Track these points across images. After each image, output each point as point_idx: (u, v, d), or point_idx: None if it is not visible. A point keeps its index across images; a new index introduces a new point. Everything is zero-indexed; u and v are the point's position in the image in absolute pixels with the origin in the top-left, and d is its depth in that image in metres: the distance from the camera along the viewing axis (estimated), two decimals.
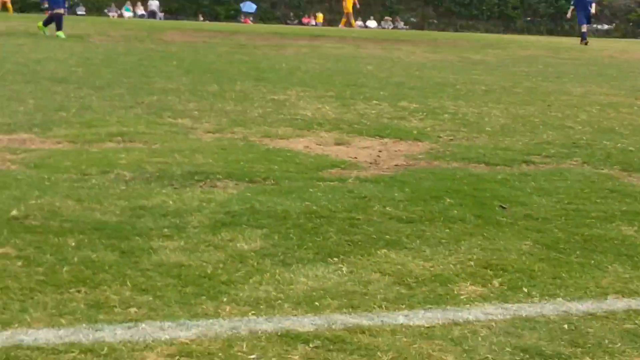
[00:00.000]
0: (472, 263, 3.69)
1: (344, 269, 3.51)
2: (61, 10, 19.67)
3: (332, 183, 5.15)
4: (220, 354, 2.55)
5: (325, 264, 3.55)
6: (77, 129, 6.68)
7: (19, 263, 3.33)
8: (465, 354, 2.72)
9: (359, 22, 54.22)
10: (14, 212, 4.05)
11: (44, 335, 2.65)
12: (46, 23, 19.64)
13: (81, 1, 48.47)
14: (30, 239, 3.66)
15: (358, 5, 41.16)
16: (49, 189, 4.63)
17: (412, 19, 58.62)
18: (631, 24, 51.30)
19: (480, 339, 2.85)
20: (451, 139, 7.10)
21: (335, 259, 3.63)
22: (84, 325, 2.75)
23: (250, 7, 55.78)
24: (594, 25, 52.48)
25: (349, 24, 41.02)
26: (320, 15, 55.70)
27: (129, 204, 4.39)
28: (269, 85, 10.63)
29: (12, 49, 14.95)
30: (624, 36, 48.70)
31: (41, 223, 3.93)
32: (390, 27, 53.04)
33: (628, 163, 6.22)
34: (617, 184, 5.53)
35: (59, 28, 19.05)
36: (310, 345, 2.70)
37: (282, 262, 3.55)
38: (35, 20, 22.22)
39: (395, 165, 5.93)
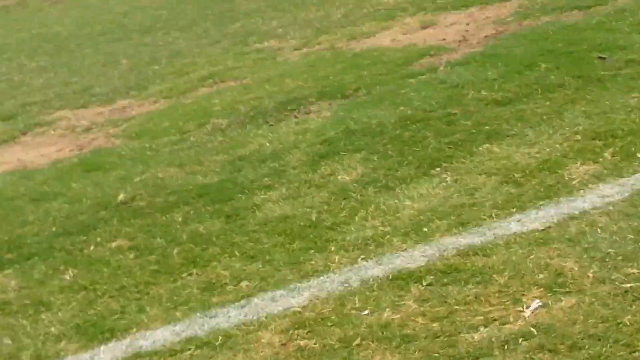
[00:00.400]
0: (578, 137, 3.53)
1: (448, 179, 3.43)
2: None
3: (422, 77, 5.02)
4: (333, 317, 2.55)
5: (428, 178, 3.48)
6: (170, 82, 6.72)
7: (132, 255, 3.42)
8: (585, 254, 2.59)
9: None
10: (121, 197, 4.14)
11: (161, 335, 2.73)
12: None
13: None
14: (140, 223, 3.74)
15: None
16: (152, 160, 4.70)
17: None
18: None
19: (599, 230, 2.72)
20: None
21: (438, 169, 3.55)
22: (198, 314, 2.80)
23: None
24: None
25: None
26: None
27: (228, 156, 4.41)
28: None
29: (100, 6, 15.09)
30: None
31: (147, 203, 4.00)
32: None
33: None
34: None
35: None
36: (424, 283, 2.65)
37: (385, 186, 3.49)
38: None
39: (485, 36, 5.71)
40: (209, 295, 2.91)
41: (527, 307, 2.36)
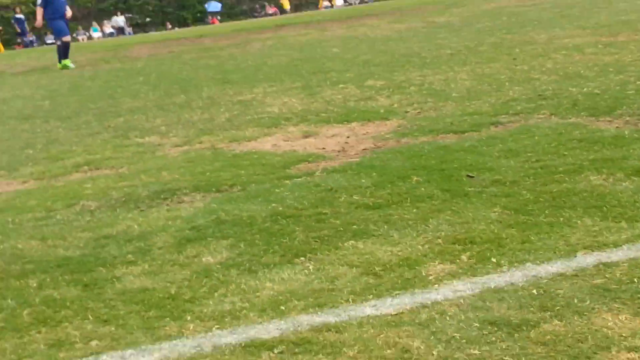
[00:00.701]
0: (440, 240, 3.64)
1: (311, 267, 3.47)
2: (69, 38, 18.75)
3: (299, 179, 5.10)
4: None
5: (291, 265, 3.51)
6: (44, 165, 6.62)
7: None
8: (432, 337, 2.67)
9: (326, 2, 54.06)
10: None
11: None
12: (64, 56, 18.29)
13: (49, 29, 48.23)
14: None
15: None
16: (13, 232, 4.58)
17: None
18: None
19: (448, 318, 2.81)
20: (418, 112, 7.04)
21: (302, 259, 3.58)
22: None
23: (215, 6, 55.58)
24: None
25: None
26: (285, 2, 55.36)
27: (94, 234, 4.34)
28: (235, 86, 10.57)
29: None
30: None
31: (2, 269, 3.88)
32: (357, 2, 52.83)
33: (595, 108, 6.18)
34: (584, 131, 5.48)
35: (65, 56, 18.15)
36: (275, 351, 2.67)
37: (248, 270, 3.50)
38: (1, 58, 22.12)
39: (363, 149, 5.87)
40: (56, 352, 2.83)
41: None
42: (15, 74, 18.33)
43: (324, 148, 6.10)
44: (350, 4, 46.71)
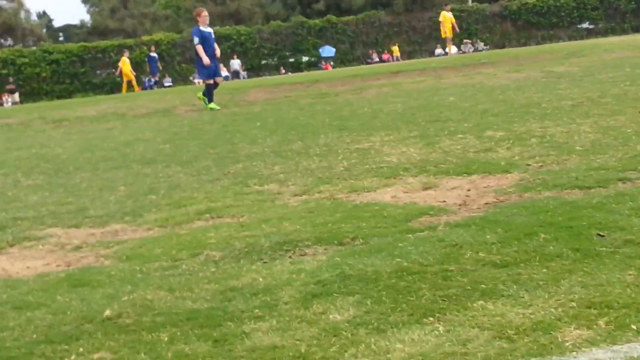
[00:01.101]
0: (574, 304, 3.52)
1: (440, 328, 3.40)
2: (221, 79, 18.99)
3: (421, 233, 5.05)
4: None
5: (420, 326, 3.45)
6: (167, 212, 6.75)
7: None
8: None
9: (439, 50, 54.08)
10: (107, 312, 4.08)
11: None
12: (210, 98, 18.52)
13: (167, 72, 49.69)
14: (125, 339, 3.67)
15: (457, 30, 39.72)
16: (141, 282, 4.66)
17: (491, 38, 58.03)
18: None
19: None
20: (541, 166, 6.91)
21: (431, 319, 3.52)
22: None
23: (329, 51, 56.23)
24: None
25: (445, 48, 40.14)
26: (395, 48, 55.64)
27: (219, 286, 4.37)
28: (352, 133, 10.62)
29: (103, 134, 15.36)
30: None
31: (134, 320, 3.94)
32: (471, 50, 52.68)
33: None
34: None
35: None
36: None
37: (377, 329, 3.46)
38: (124, 100, 22.78)
39: (485, 203, 5.78)
40: None
41: None
42: (137, 116, 18.87)
43: (444, 201, 6.04)
44: (464, 52, 46.55)
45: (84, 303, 4.35)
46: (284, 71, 53.18)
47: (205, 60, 18.23)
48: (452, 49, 44.48)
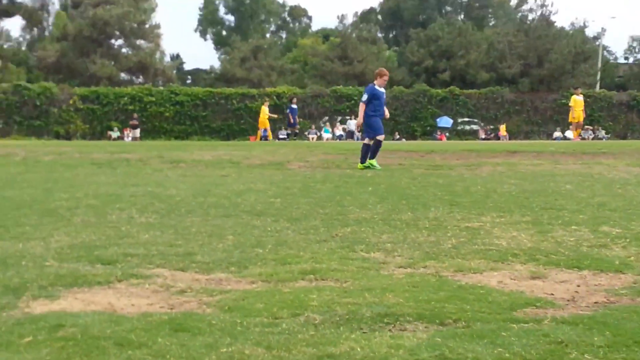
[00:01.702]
0: None
1: None
2: (383, 137, 19.04)
3: (526, 325, 4.94)
4: None
5: None
6: (272, 267, 6.81)
7: None
8: None
9: (557, 133, 53.37)
10: None
11: None
12: (373, 155, 18.59)
13: (283, 125, 50.47)
14: None
15: (585, 115, 38.72)
16: (241, 335, 4.70)
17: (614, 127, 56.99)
18: None
19: None
20: None
21: None
22: None
23: (446, 122, 56.24)
24: None
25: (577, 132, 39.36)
26: (503, 127, 55.30)
27: (317, 351, 4.37)
28: (463, 211, 10.53)
29: (217, 180, 15.67)
30: None
31: None
32: (591, 137, 51.82)
33: None
34: None
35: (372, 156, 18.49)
36: None
37: None
38: (240, 148, 23.19)
39: (595, 302, 5.63)
40: None
41: None
42: (251, 166, 19.19)
43: (552, 294, 5.91)
44: (584, 139, 45.83)
45: (183, 349, 4.41)
46: (398, 136, 53.36)
47: (359, 119, 18.57)
48: (568, 134, 43.79)
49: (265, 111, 43.35)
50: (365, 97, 18.54)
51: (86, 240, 8.16)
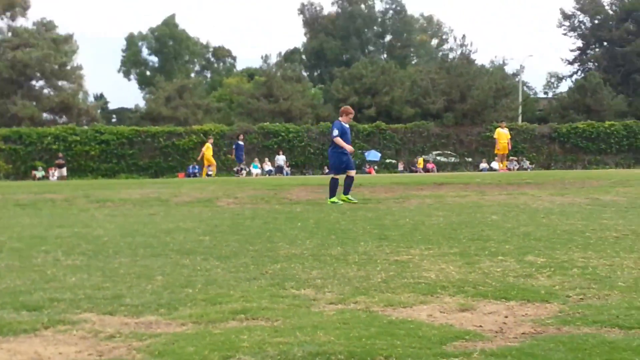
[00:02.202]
0: None
1: None
2: (353, 172, 19.08)
3: (455, 359, 4.99)
4: None
5: None
6: (202, 308, 6.74)
7: None
8: None
9: (484, 164, 54.28)
10: None
11: None
12: (347, 191, 18.79)
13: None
14: None
15: (510, 147, 39.55)
16: None
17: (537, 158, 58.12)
18: None
19: None
20: (581, 299, 6.83)
21: None
22: None
23: (375, 155, 56.67)
24: None
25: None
26: (420, 160, 56.03)
27: None
28: (392, 244, 10.60)
29: (145, 219, 15.50)
30: None
31: None
32: (516, 168, 52.72)
33: None
34: None
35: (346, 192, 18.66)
36: None
37: None
38: (167, 186, 23.00)
39: (523, 333, 5.71)
40: None
41: None
42: (179, 204, 19.04)
43: (481, 326, 5.98)
44: (510, 169, 46.60)
45: None
46: (327, 170, 53.54)
47: (349, 147, 18.73)
48: (496, 165, 44.58)
49: (209, 148, 43.32)
50: (336, 132, 18.83)
51: (10, 285, 7.98)
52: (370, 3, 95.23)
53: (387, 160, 57.32)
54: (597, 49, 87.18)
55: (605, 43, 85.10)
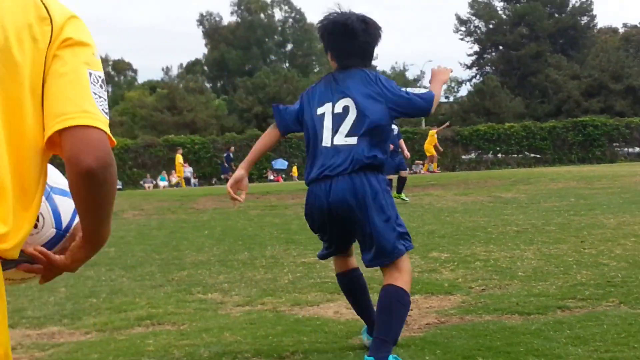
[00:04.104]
0: None
1: None
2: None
3: (361, 351, 5.04)
4: None
5: None
6: (106, 316, 6.66)
7: None
8: None
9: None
10: None
11: None
12: (400, 189, 18.59)
13: (118, 176, 49.66)
14: None
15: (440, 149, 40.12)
16: None
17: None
18: None
19: None
20: (483, 289, 6.98)
21: None
22: None
23: (282, 164, 56.68)
24: (625, 149, 52.70)
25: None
26: (295, 169, 55.69)
27: None
28: (299, 247, 10.63)
29: None
30: None
31: None
32: (422, 171, 53.40)
33: None
34: None
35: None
36: None
37: None
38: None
39: (427, 324, 5.81)
40: None
41: None
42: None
43: None
44: (415, 172, 47.21)
45: None
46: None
47: (407, 153, 18.74)
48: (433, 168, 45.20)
49: (180, 159, 43.22)
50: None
51: None
52: (270, 12, 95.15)
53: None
54: (493, 53, 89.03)
55: (500, 47, 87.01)
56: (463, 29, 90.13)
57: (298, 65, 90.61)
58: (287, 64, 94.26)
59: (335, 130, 4.66)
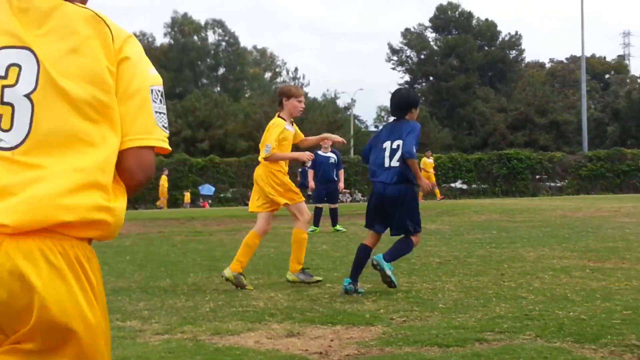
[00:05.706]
0: None
1: None
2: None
3: None
4: None
5: None
6: None
7: None
8: None
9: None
10: None
11: None
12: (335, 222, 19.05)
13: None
14: None
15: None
16: None
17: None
18: (582, 179, 52.37)
19: None
20: (404, 321, 7.03)
21: None
22: None
23: (209, 189, 56.36)
24: (547, 183, 53.72)
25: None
26: (187, 194, 54.77)
27: None
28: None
29: None
30: (577, 192, 49.71)
31: None
32: (349, 200, 53.68)
33: (580, 334, 6.15)
34: (569, 358, 5.45)
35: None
36: None
37: None
38: None
39: (347, 355, 5.82)
40: None
41: None
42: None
43: (307, 350, 6.04)
44: (342, 202, 47.44)
45: None
46: (161, 206, 52.87)
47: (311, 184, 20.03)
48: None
49: (165, 180, 42.63)
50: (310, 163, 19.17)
51: None
52: (203, 35, 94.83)
53: (222, 195, 57.19)
54: (423, 84, 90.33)
55: (431, 78, 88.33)
56: (395, 58, 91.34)
57: (229, 90, 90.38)
58: (219, 88, 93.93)
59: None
